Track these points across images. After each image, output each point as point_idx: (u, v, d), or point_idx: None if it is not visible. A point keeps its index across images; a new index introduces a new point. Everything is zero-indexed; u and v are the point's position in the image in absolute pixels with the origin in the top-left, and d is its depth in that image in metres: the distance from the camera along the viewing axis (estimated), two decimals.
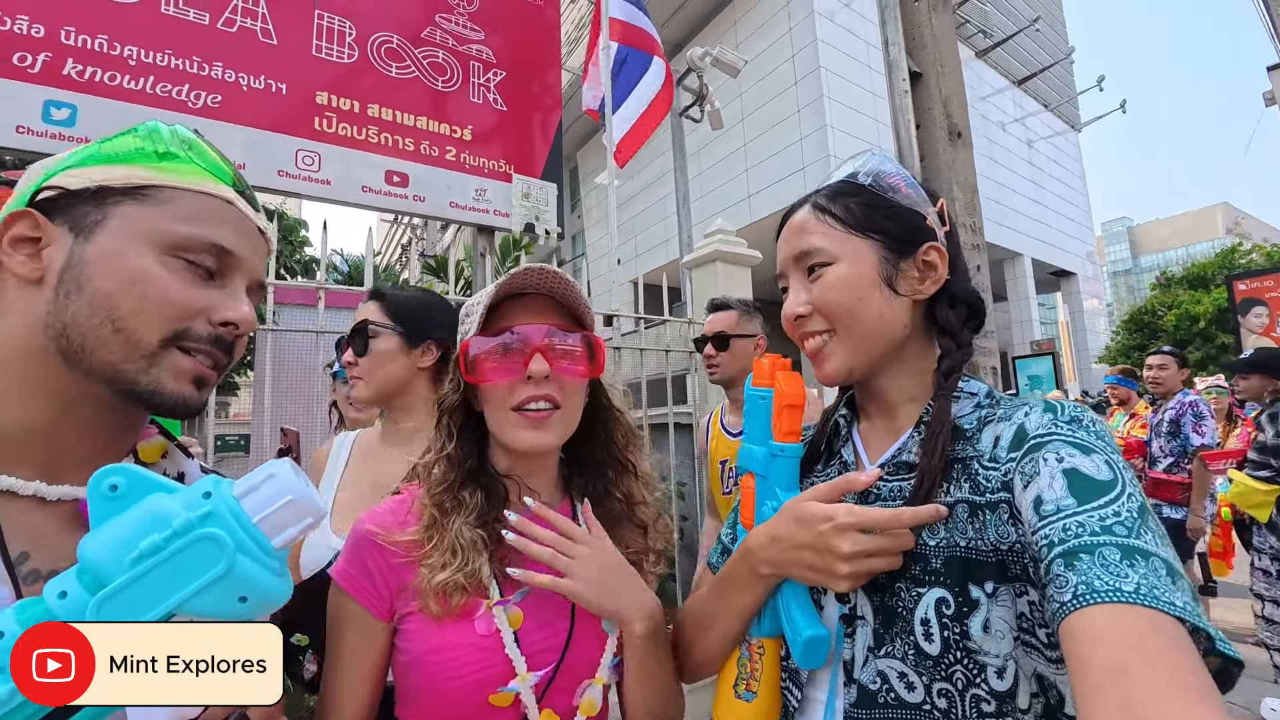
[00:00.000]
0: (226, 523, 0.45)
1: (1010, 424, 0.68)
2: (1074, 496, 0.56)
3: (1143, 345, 16.19)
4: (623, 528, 0.89)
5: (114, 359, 0.54)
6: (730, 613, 0.78)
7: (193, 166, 0.60)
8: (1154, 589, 0.48)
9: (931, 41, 2.00)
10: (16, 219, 0.55)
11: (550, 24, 3.10)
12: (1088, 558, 0.51)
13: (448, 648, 0.75)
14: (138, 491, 0.46)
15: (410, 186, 2.49)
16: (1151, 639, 0.46)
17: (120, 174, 0.57)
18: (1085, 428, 0.63)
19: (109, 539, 0.43)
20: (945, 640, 0.64)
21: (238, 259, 0.62)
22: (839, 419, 0.86)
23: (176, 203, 0.58)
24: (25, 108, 1.77)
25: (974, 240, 1.92)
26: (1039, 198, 17.66)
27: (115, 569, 0.42)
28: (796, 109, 11.58)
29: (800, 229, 0.78)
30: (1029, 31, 16.00)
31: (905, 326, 0.76)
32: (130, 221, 0.56)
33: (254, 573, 0.45)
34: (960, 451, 0.70)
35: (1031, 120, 18.06)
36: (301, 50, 2.29)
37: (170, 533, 0.43)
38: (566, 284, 0.81)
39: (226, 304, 0.60)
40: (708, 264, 3.31)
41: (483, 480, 0.83)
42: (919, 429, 0.75)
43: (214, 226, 0.60)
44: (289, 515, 0.48)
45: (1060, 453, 0.60)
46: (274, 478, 0.49)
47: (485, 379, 0.79)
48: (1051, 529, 0.55)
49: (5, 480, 0.53)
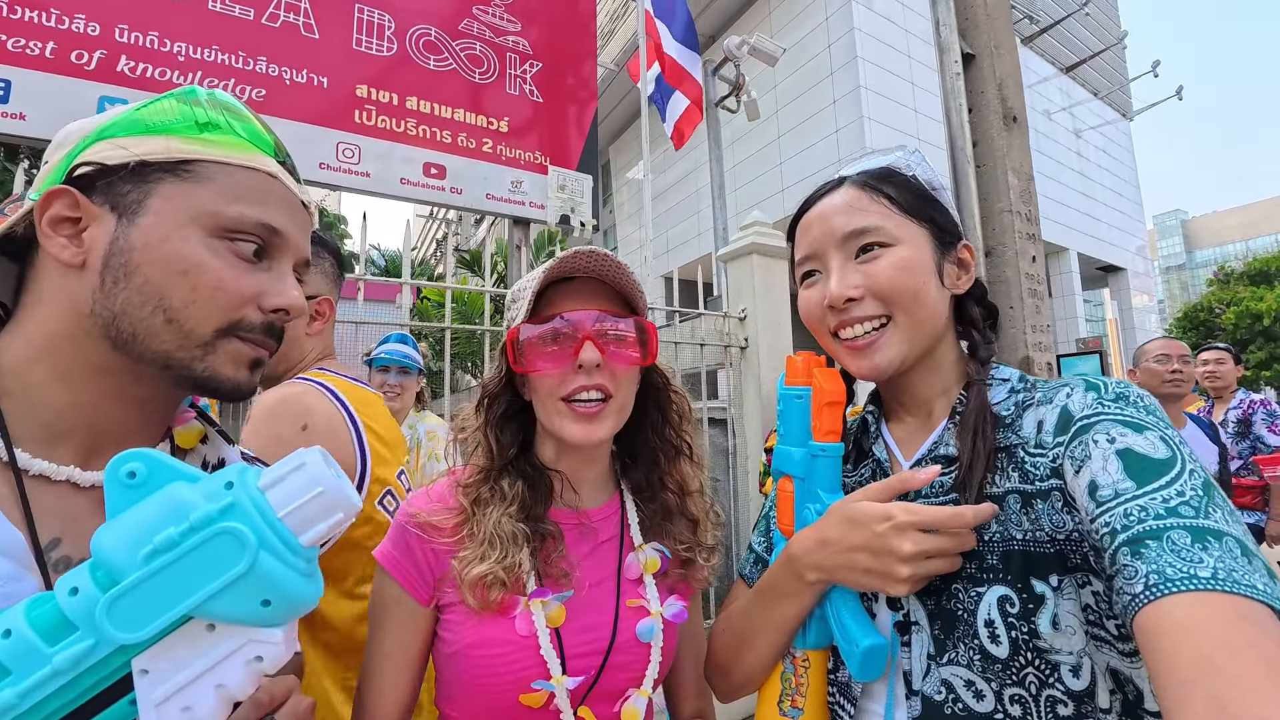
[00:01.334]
0: (249, 516, 0.41)
1: (1053, 407, 0.65)
2: (1132, 478, 0.52)
3: (1198, 344, 15.43)
4: (674, 522, 0.86)
5: (168, 348, 0.53)
6: (773, 625, 0.73)
7: (235, 138, 0.57)
8: (1233, 572, 0.44)
9: (986, 21, 1.90)
10: (54, 197, 0.52)
11: (586, 15, 3.08)
12: (1155, 544, 0.48)
13: (487, 643, 0.73)
14: (158, 479, 0.43)
15: (448, 179, 2.50)
16: (1238, 629, 0.42)
17: (160, 146, 0.53)
18: (1134, 404, 0.59)
19: (124, 531, 0.41)
20: (1014, 641, 0.59)
21: (285, 239, 0.59)
22: (867, 416, 0.83)
23: (221, 180, 0.55)
24: (82, 104, 1.83)
25: (1029, 230, 1.82)
26: (1087, 190, 16.96)
27: (128, 565, 0.39)
28: (832, 100, 11.33)
29: (851, 207, 0.73)
30: (1078, 16, 15.34)
31: (946, 320, 0.75)
32: (174, 201, 0.53)
33: (278, 573, 0.41)
34: (1002, 439, 0.66)
35: (1080, 109, 17.33)
36: (342, 44, 2.32)
37: (187, 526, 0.40)
38: (617, 266, 0.77)
39: (276, 289, 0.58)
40: (743, 257, 3.25)
41: (526, 471, 0.81)
42: (953, 419, 0.71)
43: (263, 206, 0.57)
44: (319, 509, 0.44)
45: (1111, 433, 0.57)
46: (303, 467, 0.45)
47: (534, 368, 0.76)
48: (1112, 515, 0.52)
49: (38, 464, 0.51)
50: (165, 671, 0.40)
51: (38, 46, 1.78)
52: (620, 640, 0.77)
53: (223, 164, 0.56)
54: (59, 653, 0.38)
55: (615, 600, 0.79)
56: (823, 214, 0.75)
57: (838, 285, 0.71)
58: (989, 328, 0.78)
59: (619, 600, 0.79)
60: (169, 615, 0.39)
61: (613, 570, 0.81)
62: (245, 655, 0.42)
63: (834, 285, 0.72)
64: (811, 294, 0.76)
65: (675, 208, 15.44)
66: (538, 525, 0.77)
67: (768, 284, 3.24)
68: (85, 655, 0.38)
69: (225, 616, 0.41)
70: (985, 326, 0.78)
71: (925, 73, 11.64)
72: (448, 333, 2.43)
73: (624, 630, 0.78)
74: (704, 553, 0.87)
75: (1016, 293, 1.82)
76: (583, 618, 0.77)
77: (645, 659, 0.78)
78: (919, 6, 12.09)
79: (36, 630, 0.38)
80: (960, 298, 0.77)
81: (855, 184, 0.75)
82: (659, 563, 0.83)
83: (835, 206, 0.74)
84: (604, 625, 0.77)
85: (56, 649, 0.38)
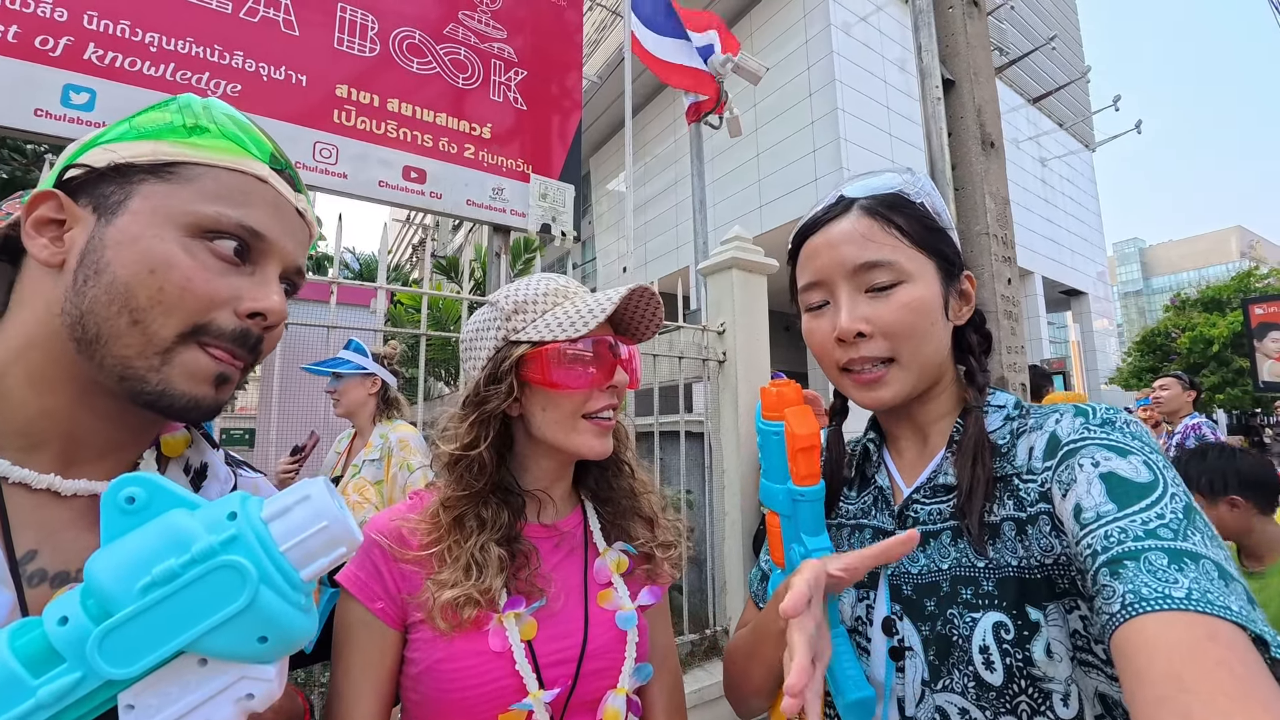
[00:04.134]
0: (251, 550, 0.40)
1: (1042, 432, 0.65)
2: (1114, 501, 0.53)
3: (1155, 367, 15.99)
4: (629, 521, 0.88)
5: (129, 354, 0.50)
6: (766, 662, 0.74)
7: (224, 141, 0.55)
8: (1206, 594, 0.46)
9: (966, 49, 1.95)
10: (41, 200, 0.51)
11: (572, 26, 3.08)
12: (1133, 564, 0.49)
13: (458, 656, 0.71)
14: (158, 505, 0.41)
15: (428, 183, 2.46)
16: (1208, 648, 0.43)
17: (148, 150, 0.52)
18: (1119, 429, 0.60)
19: (120, 560, 0.38)
20: (1008, 668, 0.59)
21: (270, 243, 0.56)
22: (869, 444, 0.82)
23: (203, 180, 0.53)
24: (45, 91, 1.75)
25: (1005, 253, 1.86)
26: (1051, 216, 17.57)
27: (124, 596, 0.37)
28: (810, 121, 11.56)
29: (863, 237, 0.70)
30: (1045, 50, 15.96)
31: (948, 352, 0.75)
32: (153, 200, 0.51)
33: (277, 609, 0.40)
34: (999, 469, 0.67)
35: (1045, 139, 17.99)
36: (323, 42, 2.27)
37: (188, 558, 0.38)
38: (658, 313, 0.84)
39: (255, 293, 0.55)
40: (724, 271, 3.26)
41: (503, 495, 0.80)
42: (951, 448, 0.71)
43: (244, 206, 0.54)
44: (321, 544, 0.43)
45: (1095, 457, 0.58)
46: (308, 500, 0.43)
47: (565, 385, 0.76)
48: (1093, 537, 0.52)
49: (18, 472, 0.49)
50: (151, 708, 0.38)
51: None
52: (593, 646, 0.76)
53: (207, 165, 0.54)
54: (44, 685, 0.35)
55: (584, 606, 0.79)
56: (831, 241, 0.72)
57: (848, 320, 0.70)
58: (984, 354, 0.78)
59: (587, 606, 0.79)
60: (163, 651, 0.37)
61: (580, 577, 0.81)
62: (236, 693, 0.40)
63: (844, 320, 0.70)
64: (820, 324, 0.74)
65: (654, 220, 15.53)
66: (514, 546, 0.77)
67: (747, 298, 3.25)
68: (71, 689, 0.36)
69: (219, 652, 0.39)
70: (981, 354, 0.77)
71: (901, 98, 11.97)
72: (423, 339, 2.37)
73: (596, 635, 0.77)
74: (662, 549, 0.89)
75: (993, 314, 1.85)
76: (554, 626, 0.76)
77: (619, 661, 0.77)
78: (896, 34, 12.45)
79: (20, 660, 0.36)
80: (959, 327, 0.77)
81: (865, 210, 0.72)
82: (626, 562, 0.85)
83: (845, 234, 0.71)
84: (575, 633, 0.77)
85: (41, 681, 0.35)
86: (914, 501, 0.72)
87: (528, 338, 0.76)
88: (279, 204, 0.58)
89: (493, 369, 0.78)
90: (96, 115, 1.81)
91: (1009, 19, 16.12)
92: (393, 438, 2.32)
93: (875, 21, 12.09)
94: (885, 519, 0.75)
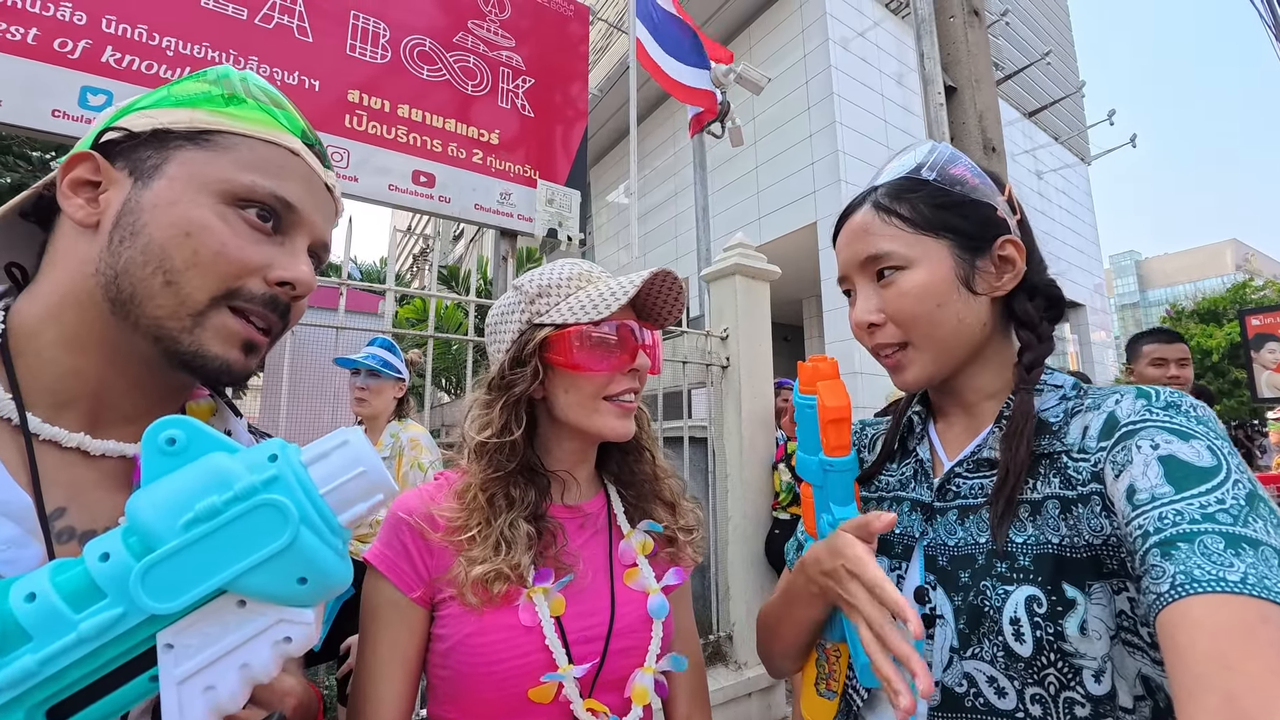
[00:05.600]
0: (292, 490, 0.40)
1: (1100, 413, 0.64)
2: (1171, 484, 0.52)
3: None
4: (651, 505, 0.90)
5: (161, 314, 0.51)
6: (796, 624, 0.76)
7: (260, 113, 0.57)
8: (1264, 579, 0.44)
9: (967, 57, 1.99)
10: (78, 161, 0.52)
11: (578, 37, 3.13)
12: (1186, 546, 0.47)
13: (488, 630, 0.72)
14: (198, 448, 0.41)
15: (436, 187, 2.49)
16: (1259, 629, 0.41)
17: (185, 117, 0.54)
18: (1184, 413, 0.59)
19: (162, 498, 0.39)
20: (1038, 641, 0.59)
21: (301, 215, 0.57)
22: (913, 415, 0.83)
23: (239, 149, 0.54)
24: (63, 93, 1.78)
25: None
26: (1048, 229, 17.67)
27: (166, 532, 0.37)
28: (809, 134, 11.67)
29: (863, 231, 0.73)
30: (1040, 65, 16.18)
31: (985, 325, 0.72)
32: (189, 167, 0.53)
33: (317, 551, 0.40)
34: (1047, 446, 0.66)
35: (1041, 152, 18.16)
36: (336, 49, 2.31)
37: (231, 495, 0.38)
38: (681, 296, 0.86)
39: (284, 262, 0.56)
40: (727, 277, 3.29)
41: (532, 473, 0.81)
42: (999, 424, 0.71)
43: (278, 178, 0.56)
44: (359, 489, 0.43)
45: (1155, 439, 0.56)
46: (347, 444, 0.44)
47: (587, 367, 0.77)
48: (1146, 518, 0.51)
49: (48, 430, 0.49)
50: (191, 648, 0.38)
51: (19, 32, 1.73)
52: (620, 625, 0.77)
53: (243, 135, 0.55)
54: (85, 620, 0.35)
55: (610, 586, 0.80)
56: (845, 238, 0.77)
57: (860, 311, 0.74)
58: (1050, 319, 0.74)
59: (613, 585, 0.80)
60: (205, 587, 0.37)
61: (605, 559, 0.83)
62: (274, 635, 0.40)
63: (857, 311, 0.74)
64: (851, 314, 0.78)
65: (654, 231, 15.62)
66: (540, 524, 0.78)
67: (750, 304, 3.28)
68: (113, 624, 0.36)
69: (259, 593, 0.39)
70: (1042, 320, 0.73)
71: (897, 112, 12.09)
72: (430, 342, 2.39)
73: (623, 614, 0.78)
74: (684, 532, 0.90)
75: None
76: (582, 603, 0.77)
77: (646, 640, 0.79)
78: (892, 49, 12.62)
79: (62, 595, 0.36)
80: (1014, 292, 0.72)
81: (872, 204, 0.74)
82: (651, 544, 0.86)
83: (854, 230, 0.75)
84: (602, 610, 0.78)
85: (83, 616, 0.36)
86: (956, 475, 0.72)
87: (551, 320, 0.78)
88: (310, 178, 0.59)
89: (517, 351, 0.79)
90: None
91: (1004, 34, 16.34)
92: (404, 437, 2.33)
93: (872, 37, 12.26)
94: (924, 491, 0.75)
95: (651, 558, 0.86)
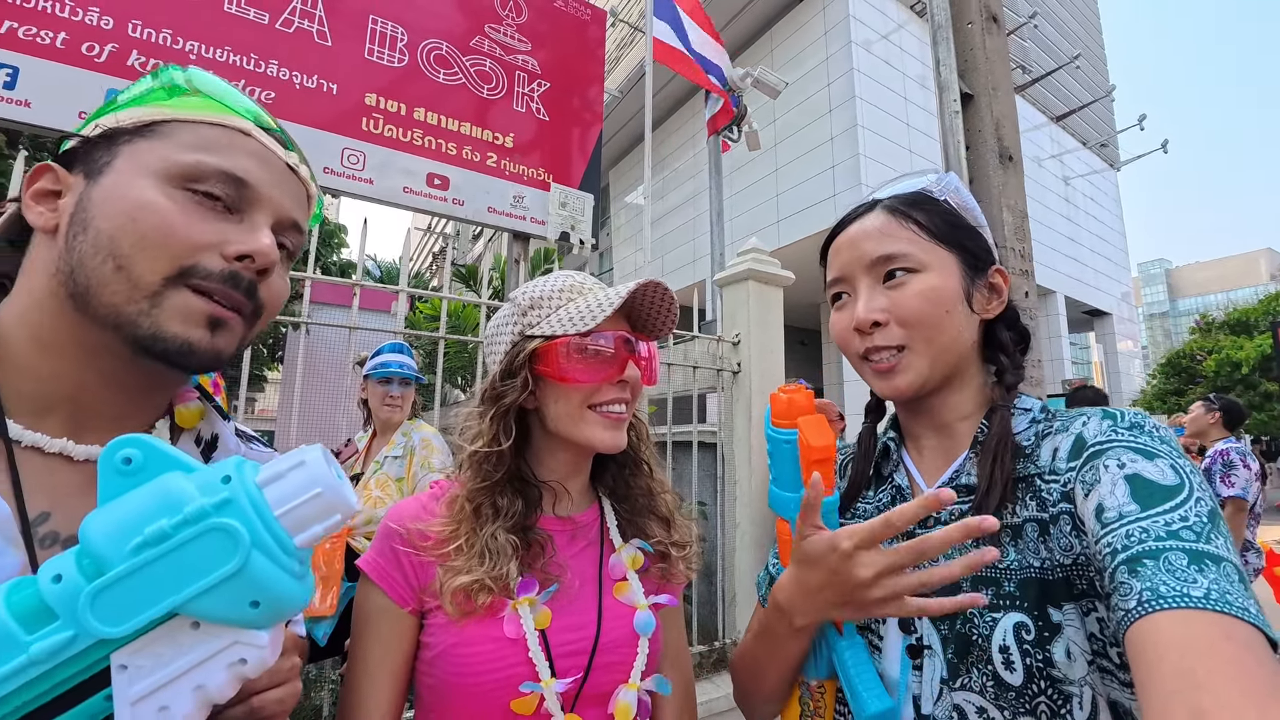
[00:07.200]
0: (244, 513, 0.39)
1: (1068, 434, 0.66)
2: (1137, 502, 0.53)
3: (1180, 390, 15.66)
4: (645, 520, 0.89)
5: (116, 300, 0.50)
6: (775, 663, 0.74)
7: (204, 99, 0.57)
8: (1226, 594, 0.45)
9: (984, 64, 1.96)
10: (39, 174, 0.54)
11: (594, 41, 3.14)
12: (1152, 563, 0.48)
13: (471, 641, 0.72)
14: (155, 467, 0.41)
15: (450, 190, 2.51)
16: (1224, 646, 0.43)
17: (132, 115, 0.55)
18: (1148, 433, 0.60)
19: (113, 520, 0.38)
20: (1028, 669, 0.59)
21: (256, 191, 0.56)
22: (887, 442, 0.82)
23: (182, 134, 0.54)
24: (89, 95, 1.83)
25: (1023, 266, 1.86)
26: (1074, 235, 17.36)
27: (115, 555, 0.37)
28: (830, 137, 11.59)
29: (879, 232, 0.74)
30: (1069, 68, 15.88)
31: (972, 345, 0.74)
32: (135, 158, 0.53)
33: (269, 574, 0.39)
34: (1022, 470, 0.67)
35: (1069, 157, 17.83)
36: (354, 53, 2.34)
37: (180, 519, 0.38)
38: (672, 309, 0.85)
39: (241, 237, 0.54)
40: (740, 282, 3.28)
41: (521, 483, 0.81)
42: (975, 448, 0.71)
43: (225, 155, 0.55)
44: (315, 510, 0.42)
45: (1122, 458, 0.58)
46: (303, 465, 0.43)
47: (574, 379, 0.78)
48: (1114, 536, 0.52)
49: (30, 435, 0.50)
50: (144, 669, 0.38)
51: (48, 36, 1.79)
52: (605, 640, 0.77)
53: (187, 121, 0.55)
54: (36, 642, 0.35)
55: (598, 600, 0.80)
56: (852, 238, 0.76)
57: (863, 309, 0.73)
58: (1019, 352, 0.77)
59: (602, 599, 0.80)
60: (153, 611, 0.37)
61: (595, 571, 0.82)
62: (229, 657, 0.40)
63: (860, 309, 0.73)
64: (840, 316, 0.77)
65: (671, 234, 15.62)
66: (527, 535, 0.78)
67: (763, 310, 3.26)
68: (64, 646, 0.36)
69: (211, 615, 0.39)
70: (1015, 352, 0.76)
71: (921, 115, 11.96)
72: (441, 343, 2.41)
73: (609, 629, 0.78)
74: (678, 548, 0.89)
75: None
76: (568, 616, 0.77)
77: (632, 656, 0.78)
78: (916, 51, 12.47)
79: (14, 615, 0.36)
80: (991, 322, 0.76)
81: (886, 209, 0.75)
82: (642, 559, 0.86)
83: (865, 231, 0.75)
84: (589, 625, 0.78)
85: (34, 638, 0.36)
86: None
87: (540, 332, 0.79)
88: (265, 156, 0.58)
89: (508, 363, 0.80)
90: None
91: (1032, 37, 16.07)
92: (415, 437, 2.36)
93: (896, 39, 12.13)
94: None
95: (642, 573, 0.85)
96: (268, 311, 0.59)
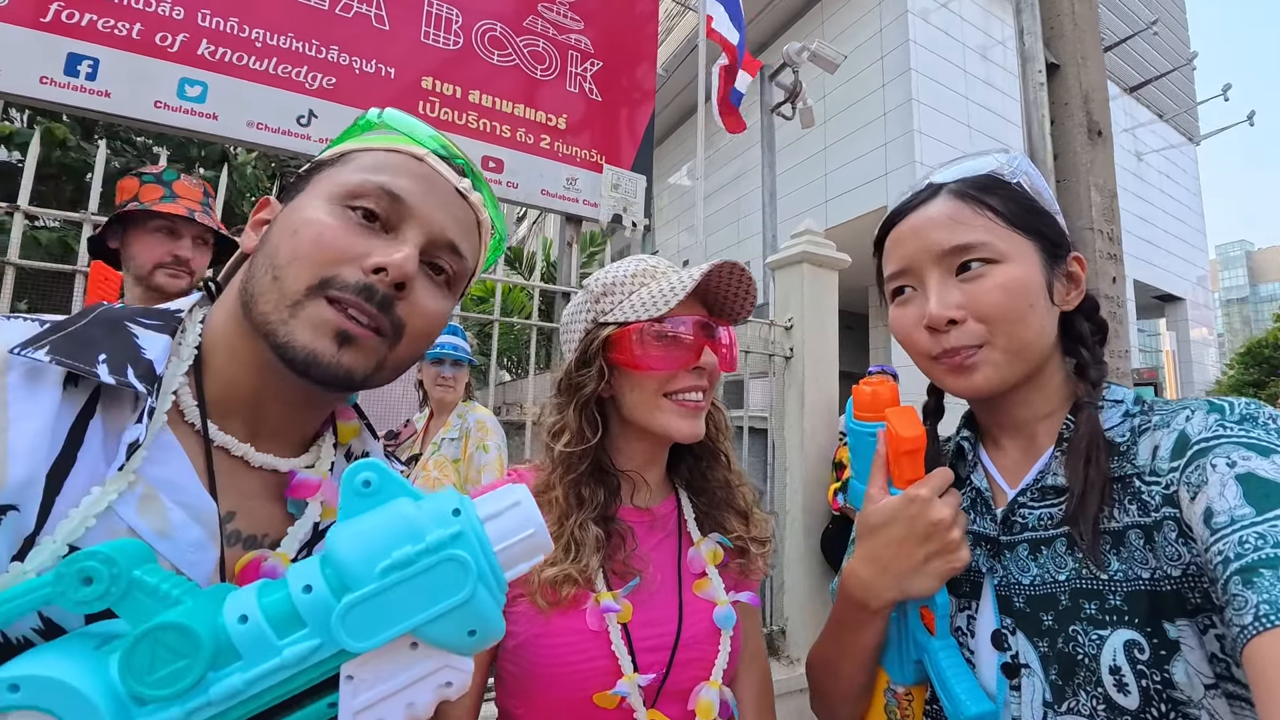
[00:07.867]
0: (472, 547, 0.41)
1: (1170, 430, 0.59)
2: (1251, 505, 0.48)
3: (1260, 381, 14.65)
4: (724, 514, 0.87)
5: (268, 309, 0.52)
6: (851, 655, 0.72)
7: (390, 131, 0.61)
8: None
9: (1073, 31, 1.81)
10: (260, 207, 0.60)
11: (647, 16, 3.08)
12: (1270, 573, 0.44)
13: (555, 633, 0.72)
14: (388, 491, 0.43)
15: (504, 173, 2.51)
16: None
17: (333, 151, 0.60)
18: (1262, 426, 0.54)
19: (360, 538, 0.41)
20: (1144, 691, 0.54)
21: (409, 207, 0.56)
22: (962, 442, 0.77)
23: (362, 159, 0.58)
24: (163, 84, 1.89)
25: (1111, 250, 1.73)
26: (1146, 215, 16.30)
27: (365, 575, 0.39)
28: (883, 112, 11.13)
29: (950, 220, 0.67)
30: (1146, 35, 14.79)
31: (1053, 341, 0.68)
32: (319, 183, 0.57)
33: (488, 606, 0.41)
34: (1117, 469, 0.61)
35: (1143, 131, 16.70)
36: (411, 36, 2.35)
37: (424, 548, 0.40)
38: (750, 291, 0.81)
39: (381, 250, 0.54)
40: (794, 265, 3.19)
41: (601, 473, 0.80)
42: (1060, 446, 0.66)
43: (389, 174, 0.57)
44: (525, 549, 0.45)
45: (1232, 456, 0.52)
46: (519, 505, 0.45)
47: (648, 366, 0.76)
48: (1226, 543, 0.48)
49: (222, 436, 0.52)
50: (367, 681, 0.40)
51: (125, 27, 1.85)
52: (687, 635, 0.76)
53: (369, 150, 0.59)
54: (288, 646, 0.38)
55: (678, 594, 0.79)
56: (917, 227, 0.69)
57: (938, 306, 0.66)
58: (1098, 344, 0.72)
59: (681, 594, 0.79)
60: (394, 630, 0.39)
61: (674, 566, 0.81)
62: (439, 679, 0.42)
63: (934, 306, 0.66)
64: (906, 313, 0.70)
65: (717, 214, 15.38)
66: (610, 525, 0.77)
67: (817, 294, 3.16)
68: (310, 653, 0.38)
69: (434, 639, 0.41)
70: (1095, 344, 0.71)
71: (981, 88, 11.36)
72: (496, 325, 2.43)
73: (690, 624, 0.77)
74: (757, 544, 0.87)
75: None
76: (648, 612, 0.76)
77: (713, 653, 0.77)
78: (978, 20, 11.82)
79: (268, 620, 0.38)
80: (1068, 313, 0.71)
81: (954, 193, 0.68)
82: (721, 554, 0.84)
83: (932, 219, 0.68)
84: (669, 620, 0.77)
85: (285, 642, 0.38)
86: (1020, 505, 0.68)
87: (613, 319, 0.77)
88: (430, 178, 0.59)
89: (583, 351, 0.79)
90: (208, 106, 1.94)
91: (1106, 2, 15.02)
92: (470, 418, 2.39)
93: (956, 7, 11.50)
94: (986, 523, 0.70)
95: (721, 568, 0.84)
96: (410, 332, 0.56)
